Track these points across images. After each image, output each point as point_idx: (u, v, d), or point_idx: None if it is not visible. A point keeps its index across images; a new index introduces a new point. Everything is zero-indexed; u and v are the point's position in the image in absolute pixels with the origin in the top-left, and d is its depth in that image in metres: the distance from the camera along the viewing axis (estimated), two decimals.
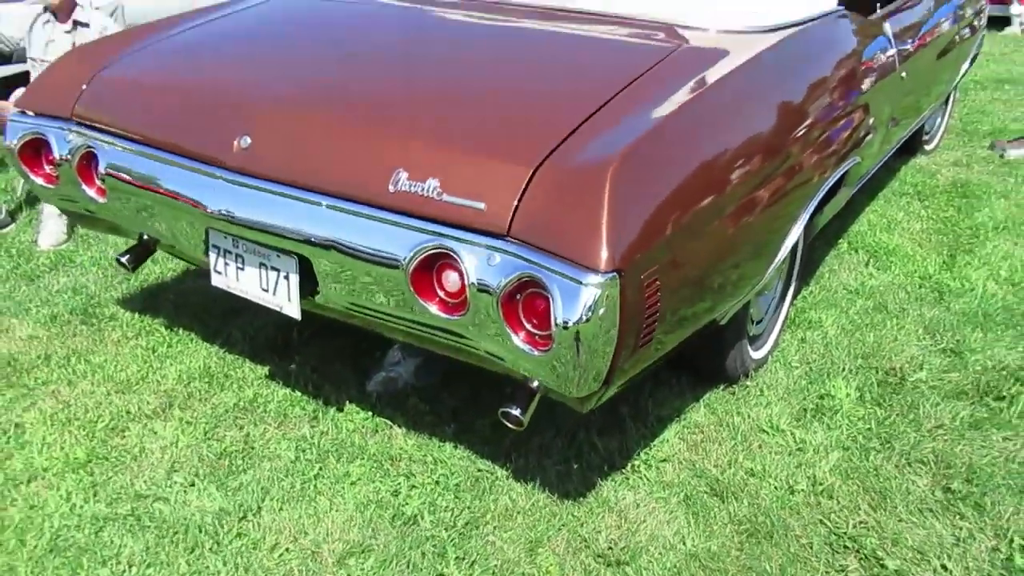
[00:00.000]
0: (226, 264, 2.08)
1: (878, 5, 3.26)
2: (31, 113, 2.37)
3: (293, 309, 1.99)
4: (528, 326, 1.61)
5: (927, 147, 4.80)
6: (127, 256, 2.47)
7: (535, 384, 1.74)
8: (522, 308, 1.60)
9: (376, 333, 2.05)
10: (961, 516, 2.02)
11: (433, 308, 1.72)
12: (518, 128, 1.77)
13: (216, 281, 2.13)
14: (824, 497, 2.08)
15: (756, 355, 2.56)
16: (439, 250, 1.66)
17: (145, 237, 2.37)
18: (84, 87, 2.28)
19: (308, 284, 1.95)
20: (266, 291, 2.02)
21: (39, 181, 2.40)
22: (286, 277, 1.96)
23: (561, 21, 2.33)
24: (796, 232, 2.17)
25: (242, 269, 2.05)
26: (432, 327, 1.77)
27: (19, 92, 3.99)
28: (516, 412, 1.75)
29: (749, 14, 2.31)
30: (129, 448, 2.22)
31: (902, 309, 2.98)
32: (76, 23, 3.95)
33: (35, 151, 2.37)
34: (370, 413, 2.35)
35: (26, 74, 4.09)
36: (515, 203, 1.59)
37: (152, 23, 2.57)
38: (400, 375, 2.45)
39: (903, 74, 3.01)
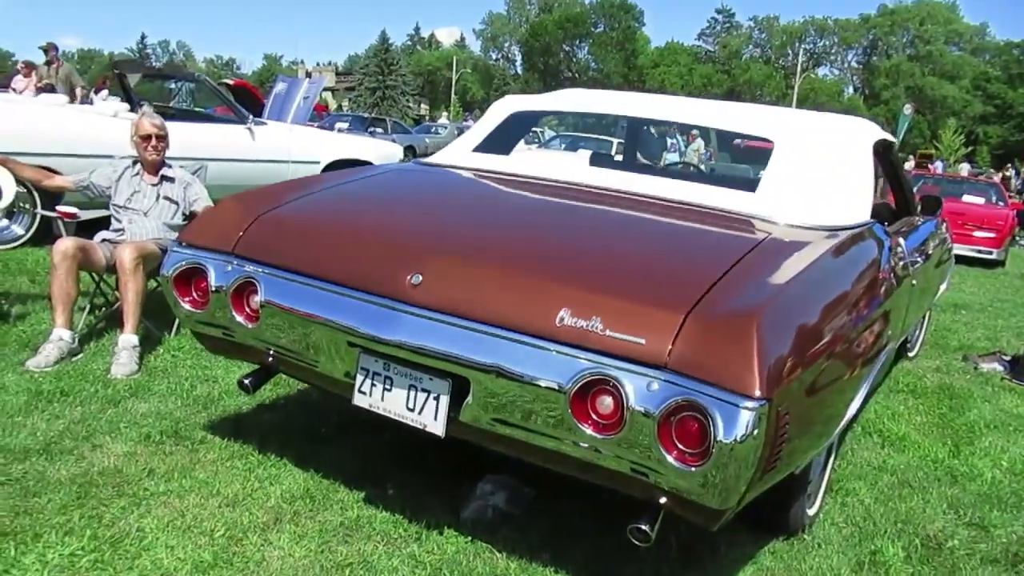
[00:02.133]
0: (372, 385, 2.33)
1: (886, 224, 3.86)
2: (191, 245, 2.67)
3: (439, 427, 2.23)
4: (679, 445, 1.89)
5: (910, 354, 5.33)
6: (250, 379, 2.71)
7: (662, 500, 2.00)
8: (675, 429, 1.89)
9: (499, 452, 2.29)
10: None
11: (587, 428, 1.99)
12: (665, 281, 2.15)
13: (358, 401, 2.36)
14: None
15: (810, 512, 2.82)
16: (599, 376, 1.96)
17: (269, 360, 2.61)
18: (248, 226, 2.61)
19: (454, 407, 2.21)
20: (411, 410, 2.27)
21: (186, 306, 2.66)
22: (436, 398, 2.22)
23: (656, 206, 2.79)
24: (863, 392, 2.53)
25: (389, 390, 2.30)
26: (577, 445, 2.03)
27: (102, 234, 4.31)
28: (645, 527, 2.00)
29: (807, 214, 2.79)
30: (250, 556, 2.34)
31: (923, 486, 3.30)
32: (163, 178, 4.36)
33: (187, 280, 2.65)
34: (468, 538, 2.52)
35: (106, 218, 4.43)
36: (672, 340, 1.92)
37: (302, 179, 2.96)
38: (492, 504, 2.64)
39: (914, 282, 3.52)
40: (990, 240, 11.17)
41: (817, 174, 2.95)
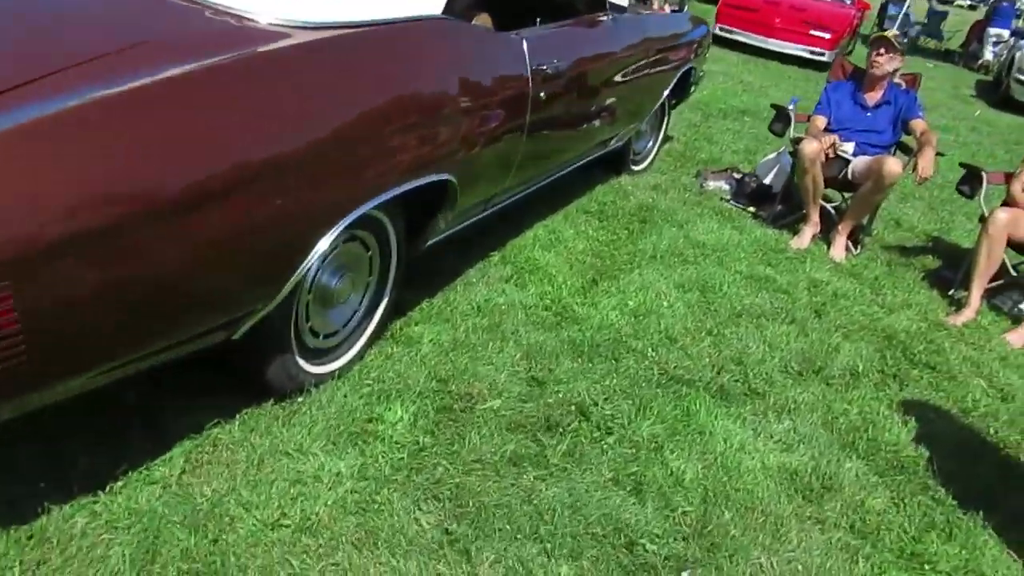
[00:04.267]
0: None
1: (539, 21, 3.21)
2: None
3: None
4: None
5: (635, 167, 4.89)
6: None
7: None
8: None
9: None
10: (445, 561, 1.94)
11: None
12: None
13: None
14: (306, 534, 1.93)
15: (318, 369, 2.40)
16: None
17: None
18: None
19: None
20: None
21: None
22: None
23: None
24: (311, 255, 1.99)
25: None
26: None
27: None
28: None
29: (317, 7, 2.12)
30: None
31: (514, 331, 2.93)
32: None
33: None
34: None
35: None
36: None
37: None
38: None
39: (541, 94, 2.94)
40: (824, 41, 10.62)
41: None
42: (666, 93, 4.54)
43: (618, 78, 3.68)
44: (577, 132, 3.48)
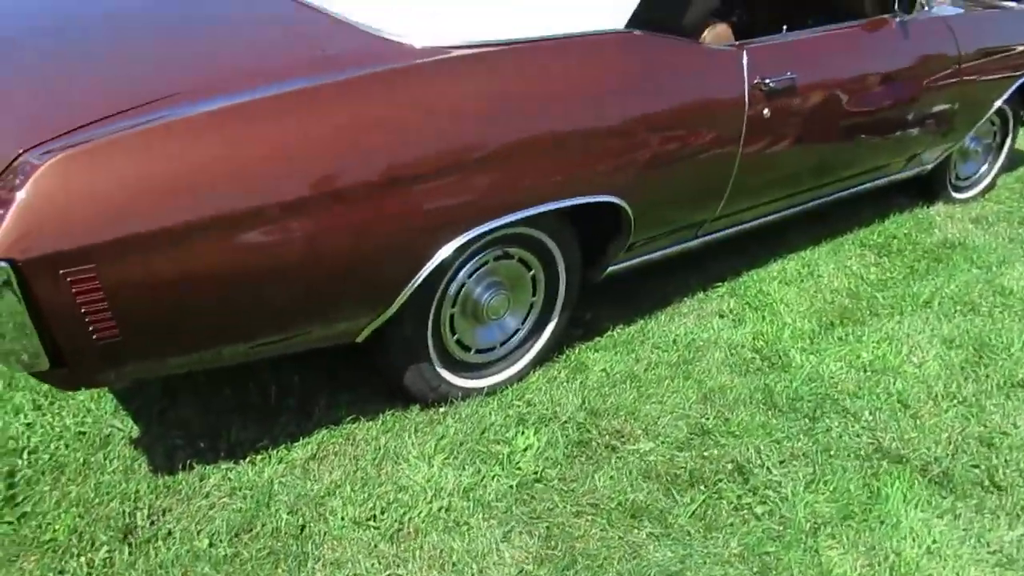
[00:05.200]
0: None
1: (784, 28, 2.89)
2: None
3: None
4: None
5: (958, 195, 4.14)
6: None
7: None
8: None
9: None
10: None
11: None
12: (31, 120, 1.80)
13: None
14: (386, 541, 1.98)
15: (465, 383, 2.45)
16: None
17: None
18: None
19: None
20: None
21: None
22: None
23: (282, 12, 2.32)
24: (426, 267, 2.03)
25: None
26: None
27: None
28: None
29: (479, 27, 2.16)
30: None
31: (705, 371, 2.69)
32: None
33: None
34: None
35: None
36: None
37: None
38: None
39: (765, 111, 2.64)
40: None
41: None
42: (998, 104, 3.75)
43: (900, 91, 3.15)
44: (829, 155, 3.05)
